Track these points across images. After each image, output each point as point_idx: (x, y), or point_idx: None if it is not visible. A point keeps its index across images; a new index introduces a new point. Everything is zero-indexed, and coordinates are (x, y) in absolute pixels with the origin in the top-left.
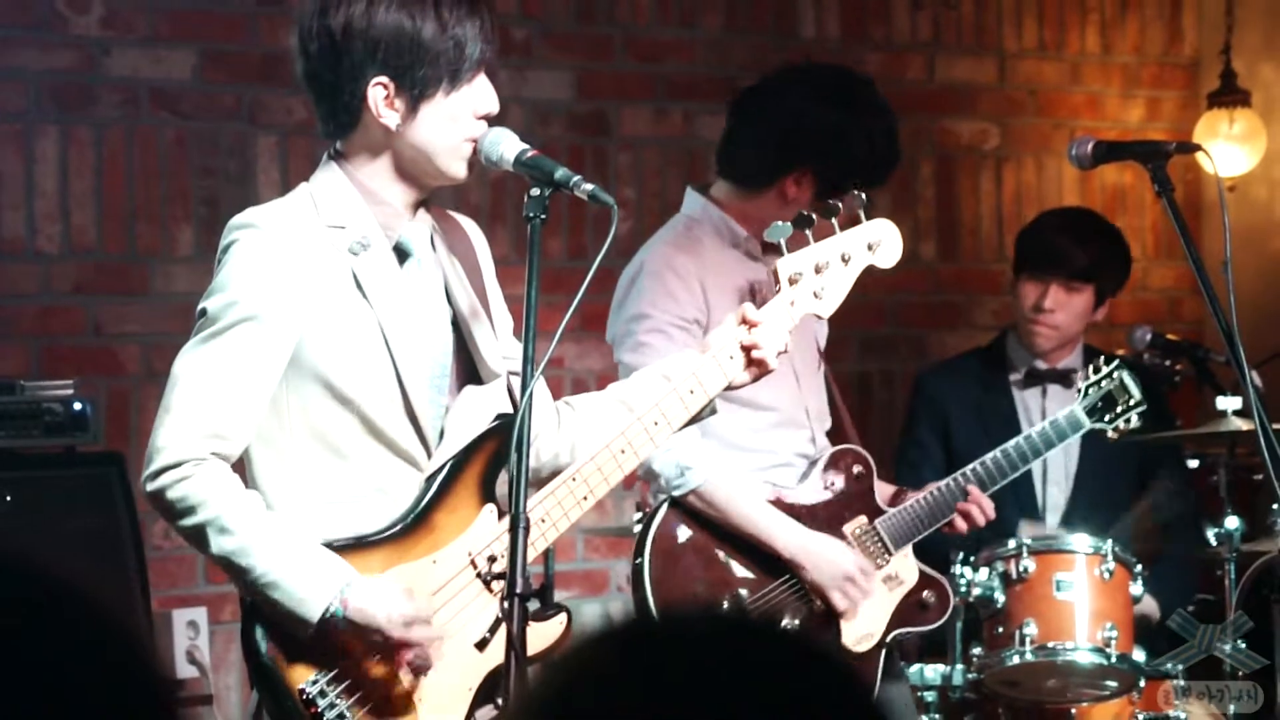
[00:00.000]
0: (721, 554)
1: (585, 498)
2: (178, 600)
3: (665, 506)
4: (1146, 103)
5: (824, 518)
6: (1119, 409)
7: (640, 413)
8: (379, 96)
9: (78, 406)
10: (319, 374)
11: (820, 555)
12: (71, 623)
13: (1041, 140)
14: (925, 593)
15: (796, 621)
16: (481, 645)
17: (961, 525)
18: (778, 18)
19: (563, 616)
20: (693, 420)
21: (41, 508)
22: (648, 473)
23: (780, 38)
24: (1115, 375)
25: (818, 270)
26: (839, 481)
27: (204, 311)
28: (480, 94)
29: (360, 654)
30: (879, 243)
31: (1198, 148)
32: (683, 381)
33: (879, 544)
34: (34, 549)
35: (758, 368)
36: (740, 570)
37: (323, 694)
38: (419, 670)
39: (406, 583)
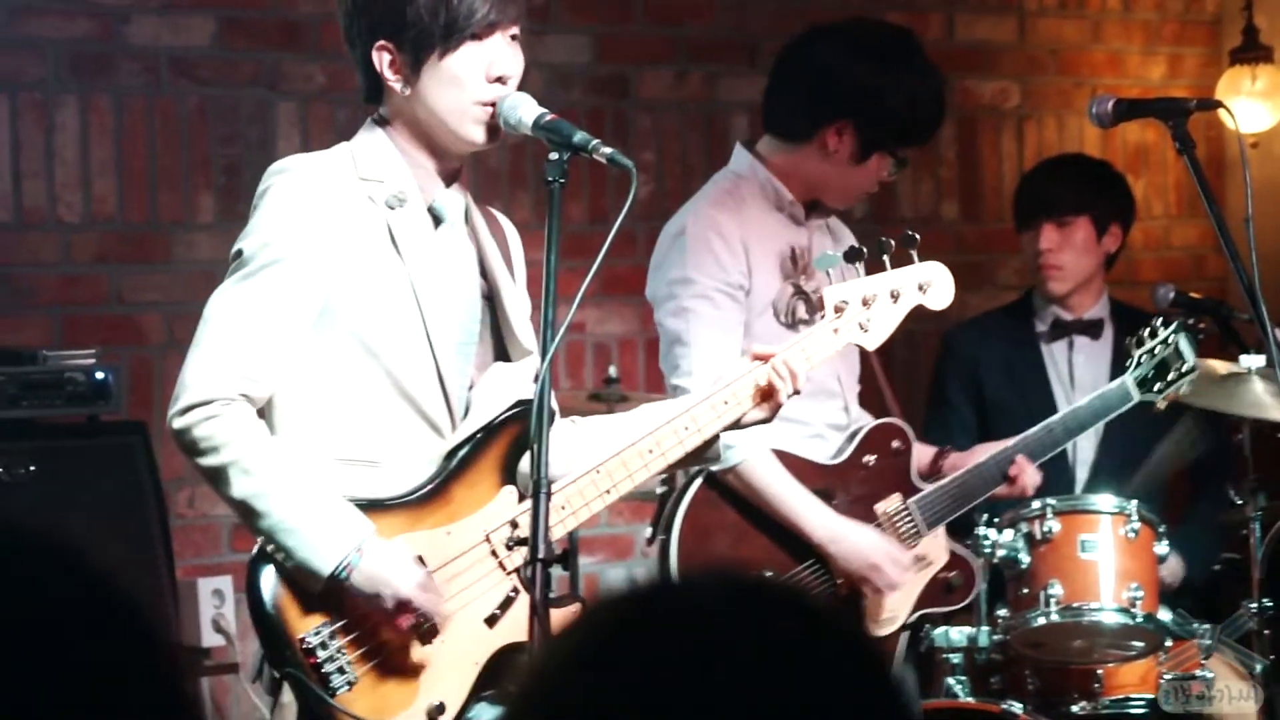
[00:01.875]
0: (751, 534)
1: (608, 491)
2: (203, 569)
3: (698, 482)
4: (1168, 60)
5: (857, 495)
6: (1170, 376)
7: (670, 416)
8: (384, 61)
9: (100, 376)
10: (349, 325)
11: (850, 543)
12: (72, 589)
13: (1062, 99)
14: (953, 573)
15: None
16: (491, 621)
17: (1013, 493)
18: None
19: (576, 607)
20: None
21: (64, 478)
22: None
23: None
24: (1171, 340)
25: (865, 303)
26: (876, 457)
27: (239, 253)
28: (491, 56)
29: (367, 612)
30: (930, 284)
31: (1219, 104)
32: (711, 396)
33: (911, 525)
34: (48, 518)
35: (771, 405)
36: (768, 551)
37: (324, 645)
38: (424, 637)
39: (418, 551)
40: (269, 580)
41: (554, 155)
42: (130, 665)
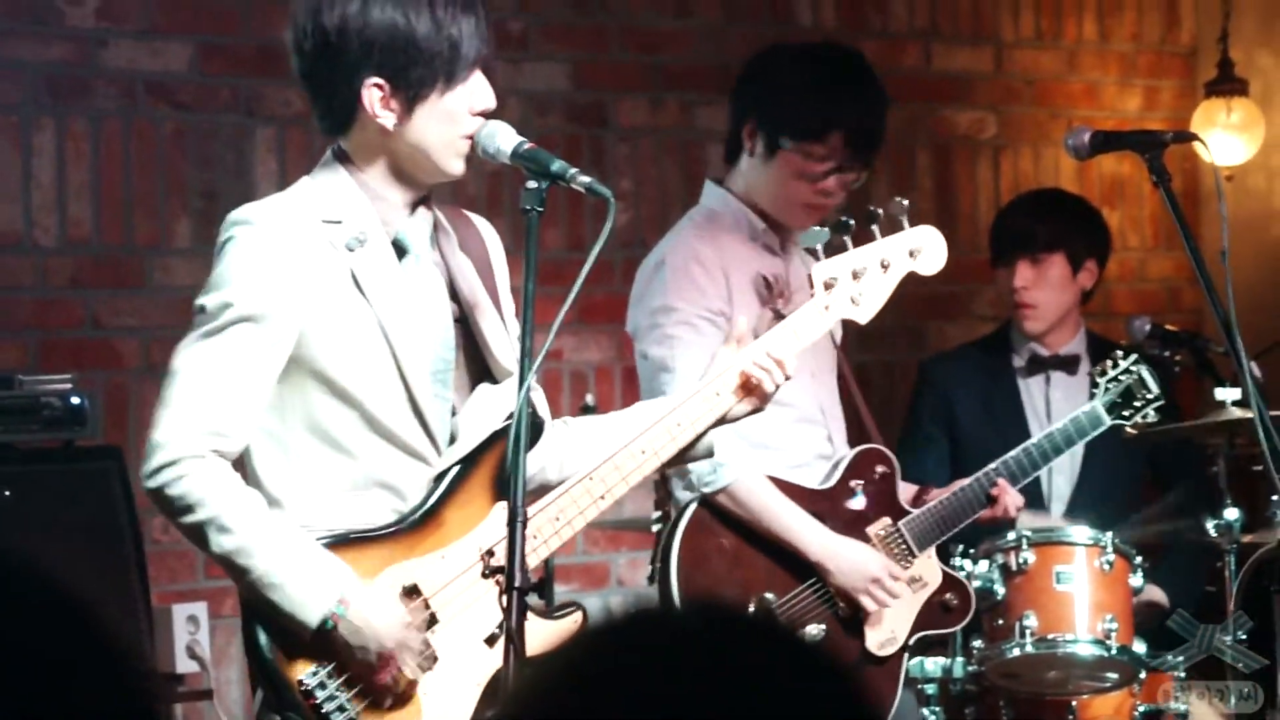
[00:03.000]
0: (749, 556)
1: (602, 497)
2: (178, 595)
3: (694, 506)
4: (1144, 91)
5: (848, 519)
6: (1137, 404)
7: (661, 415)
8: (375, 97)
9: (76, 401)
10: (319, 371)
11: (847, 559)
12: (44, 614)
13: (1039, 129)
14: (948, 594)
15: (822, 626)
16: (491, 641)
17: (995, 513)
18: (774, 6)
19: (577, 615)
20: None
21: (40, 503)
22: (679, 468)
23: (777, 25)
24: (1133, 370)
25: (855, 276)
26: (862, 482)
27: (202, 308)
28: (476, 91)
29: (355, 660)
30: (921, 249)
31: (1194, 137)
32: (701, 389)
33: (903, 546)
34: (23, 543)
35: (757, 397)
36: (767, 572)
37: (322, 686)
38: (420, 667)
39: (413, 579)
40: (263, 628)
41: (532, 184)
42: (103, 690)
